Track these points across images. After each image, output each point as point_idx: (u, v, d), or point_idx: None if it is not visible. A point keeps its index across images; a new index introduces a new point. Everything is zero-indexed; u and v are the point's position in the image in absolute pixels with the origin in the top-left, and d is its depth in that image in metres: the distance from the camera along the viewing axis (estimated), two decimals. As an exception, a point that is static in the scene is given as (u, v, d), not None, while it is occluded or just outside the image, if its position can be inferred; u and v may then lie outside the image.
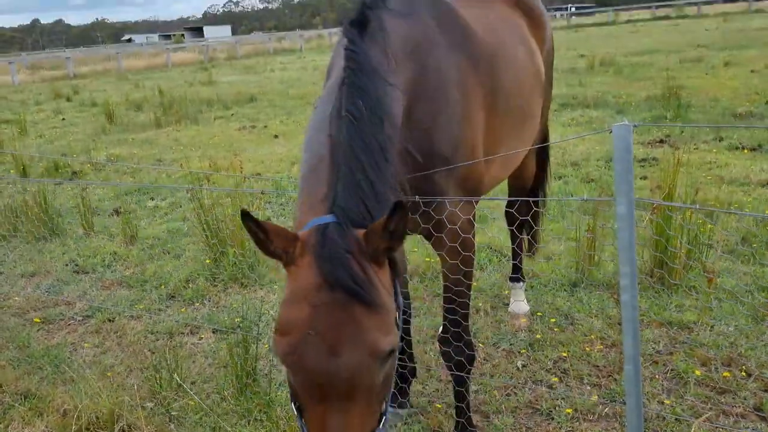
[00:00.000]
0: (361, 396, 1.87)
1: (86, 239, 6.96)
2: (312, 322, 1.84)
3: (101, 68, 37.12)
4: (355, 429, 1.87)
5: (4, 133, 13.74)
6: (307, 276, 1.89)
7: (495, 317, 4.60)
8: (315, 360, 1.83)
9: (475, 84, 2.85)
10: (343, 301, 1.84)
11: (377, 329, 1.86)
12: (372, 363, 1.84)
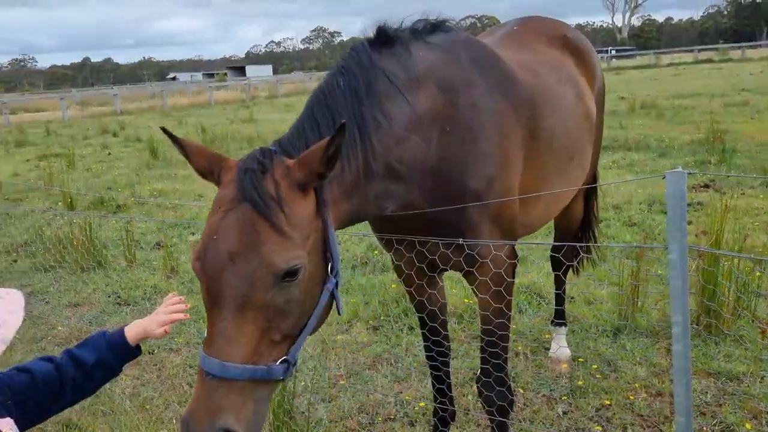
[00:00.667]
0: (253, 311, 1.90)
1: (129, 271, 7.09)
2: (217, 228, 1.95)
3: (146, 105, 38.21)
4: (239, 345, 1.88)
5: (53, 167, 14.16)
6: (226, 189, 2.03)
7: (535, 362, 4.52)
8: (213, 265, 1.91)
9: (513, 125, 2.84)
10: (248, 211, 1.94)
11: (275, 243, 1.91)
12: (264, 275, 1.88)
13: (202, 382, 1.89)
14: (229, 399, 1.86)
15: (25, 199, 11.74)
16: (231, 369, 1.85)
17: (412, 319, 5.19)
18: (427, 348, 3.34)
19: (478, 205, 2.66)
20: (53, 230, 7.99)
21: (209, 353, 1.87)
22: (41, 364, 1.95)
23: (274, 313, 1.93)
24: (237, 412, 1.87)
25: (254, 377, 1.90)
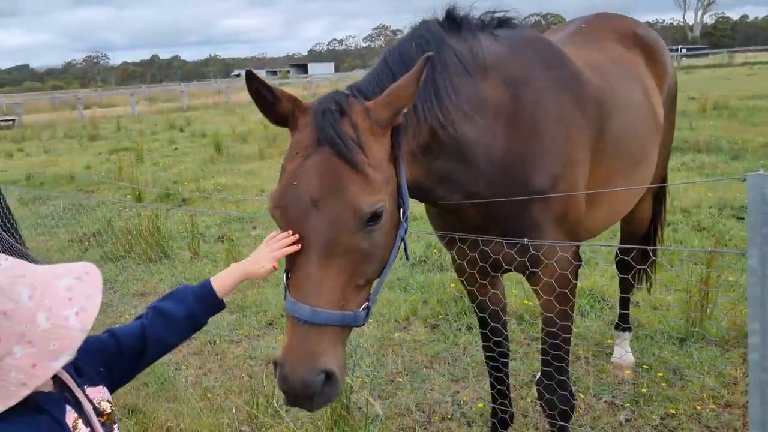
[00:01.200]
0: (340, 256, 1.88)
1: (193, 263, 7.27)
2: (297, 174, 1.92)
3: (211, 101, 39.19)
4: (328, 290, 1.87)
5: (123, 160, 14.67)
6: (303, 133, 1.99)
7: (597, 366, 4.41)
8: (296, 210, 1.90)
9: (580, 125, 2.78)
10: (329, 155, 1.91)
11: (358, 186, 1.89)
12: (350, 220, 1.87)
13: (293, 327, 1.88)
14: (323, 343, 1.86)
15: (96, 190, 12.20)
16: (322, 314, 1.85)
17: (471, 318, 5.15)
18: (487, 348, 3.30)
19: (543, 206, 2.61)
20: (122, 221, 8.27)
21: (298, 299, 1.87)
22: (126, 326, 1.96)
23: (359, 257, 1.92)
24: (332, 355, 1.88)
25: (343, 323, 1.91)
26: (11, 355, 1.42)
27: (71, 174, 13.69)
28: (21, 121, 30.63)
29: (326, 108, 1.97)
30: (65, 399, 1.62)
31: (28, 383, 1.44)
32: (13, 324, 1.43)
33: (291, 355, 1.85)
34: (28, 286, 1.47)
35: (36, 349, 1.44)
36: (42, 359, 1.44)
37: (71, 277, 1.56)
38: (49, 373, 1.45)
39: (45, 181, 13.53)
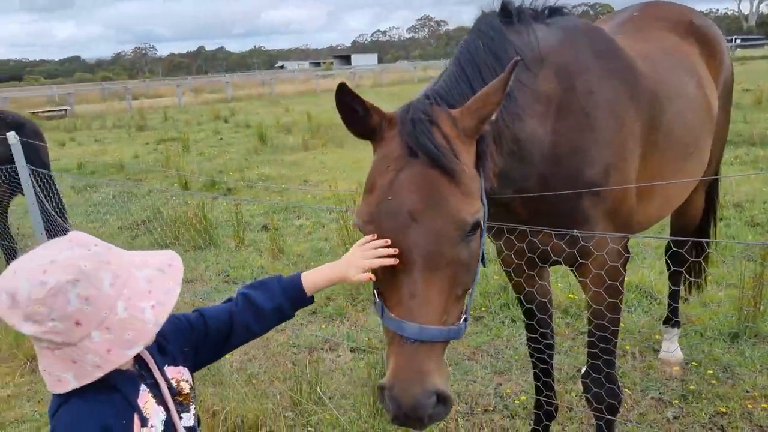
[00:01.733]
0: (441, 270, 1.82)
1: (237, 252, 7.38)
2: (392, 188, 1.84)
3: (256, 93, 39.57)
4: (434, 306, 1.81)
5: (170, 150, 14.95)
6: (391, 145, 1.91)
7: (644, 362, 4.33)
8: (392, 225, 1.82)
9: (633, 116, 2.73)
10: (424, 167, 1.84)
11: (459, 197, 1.84)
12: (452, 232, 1.81)
13: (400, 347, 1.80)
14: (432, 361, 1.80)
15: (144, 179, 12.45)
16: (430, 331, 1.79)
17: (514, 311, 5.11)
18: (532, 340, 3.27)
19: (595, 199, 2.56)
20: (170, 210, 8.44)
21: (404, 317, 1.80)
22: (215, 307, 1.99)
23: (459, 268, 1.86)
24: (441, 374, 1.82)
25: (448, 338, 1.86)
26: (90, 338, 1.47)
27: (120, 163, 14.00)
28: (73, 110, 31.44)
29: (416, 118, 1.90)
30: (142, 378, 1.66)
31: (102, 366, 1.49)
32: (95, 310, 1.47)
33: (401, 377, 1.78)
34: (111, 273, 1.51)
35: (112, 336, 1.48)
36: (117, 346, 1.49)
37: (153, 268, 1.60)
38: (122, 359, 1.50)
39: (96, 170, 13.88)
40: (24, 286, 1.44)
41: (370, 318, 5.37)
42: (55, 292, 1.43)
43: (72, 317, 1.45)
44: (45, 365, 1.52)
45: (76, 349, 1.47)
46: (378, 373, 3.83)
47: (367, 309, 5.55)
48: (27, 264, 1.48)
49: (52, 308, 1.43)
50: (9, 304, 1.45)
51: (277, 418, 3.72)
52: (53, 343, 1.47)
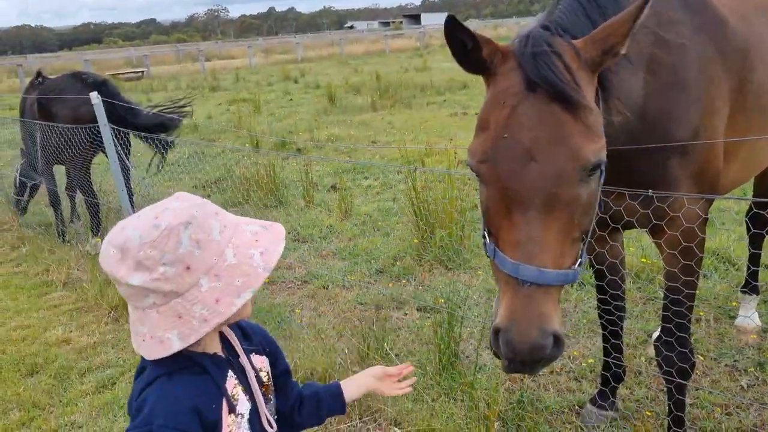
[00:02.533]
0: (560, 211, 1.74)
1: (306, 211, 7.52)
2: (508, 124, 1.75)
3: (325, 53, 39.67)
4: (552, 248, 1.74)
5: (242, 111, 15.23)
6: (509, 78, 1.80)
7: (718, 330, 4.21)
8: (510, 165, 1.73)
9: (722, 74, 2.60)
10: (545, 101, 1.74)
11: (582, 135, 1.73)
12: (574, 172, 1.73)
13: (516, 289, 1.76)
14: (549, 305, 1.75)
15: (217, 139, 12.76)
16: (549, 275, 1.73)
17: (583, 275, 5.04)
18: (602, 301, 3.23)
19: (682, 160, 2.47)
20: (241, 169, 8.64)
21: (521, 259, 1.74)
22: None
23: (579, 210, 1.79)
24: (558, 316, 1.78)
25: (566, 281, 1.80)
26: (198, 287, 1.44)
27: (195, 123, 14.38)
28: (149, 72, 32.37)
29: (538, 50, 1.79)
30: (230, 364, 1.64)
31: (210, 319, 1.44)
32: (205, 255, 1.44)
33: (518, 319, 1.74)
34: (219, 223, 1.50)
35: (221, 283, 1.45)
36: (226, 294, 1.45)
37: (257, 225, 1.60)
38: (231, 309, 1.45)
39: (171, 130, 14.30)
40: (134, 234, 1.43)
41: (437, 278, 5.41)
42: (168, 233, 1.41)
43: (183, 261, 1.42)
44: (148, 328, 1.47)
45: (182, 301, 1.44)
46: (445, 331, 3.87)
47: (434, 269, 5.58)
48: (135, 219, 1.48)
49: (163, 251, 1.41)
50: (119, 257, 1.43)
51: (345, 372, 3.82)
52: (161, 294, 1.43)
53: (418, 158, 8.83)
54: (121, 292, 1.48)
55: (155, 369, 1.52)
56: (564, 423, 3.45)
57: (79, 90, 6.40)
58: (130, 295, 1.46)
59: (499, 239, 1.82)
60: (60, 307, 5.53)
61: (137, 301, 1.46)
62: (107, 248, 1.45)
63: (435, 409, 3.53)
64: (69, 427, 3.87)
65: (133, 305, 1.49)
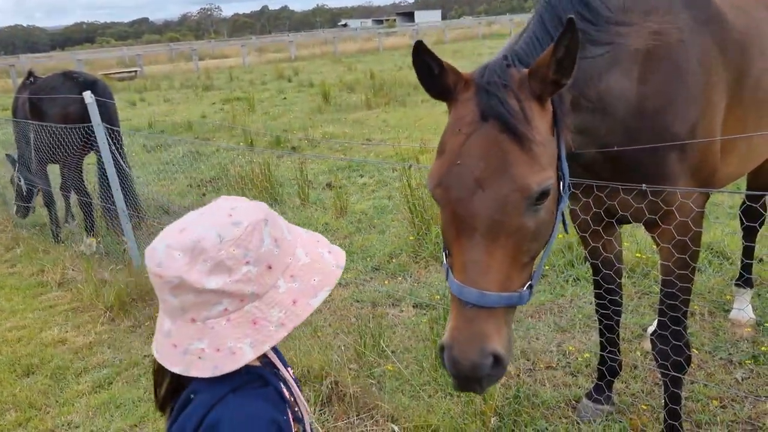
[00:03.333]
0: (506, 237, 1.81)
1: (302, 209, 7.52)
2: (461, 152, 1.83)
3: (319, 51, 39.59)
4: (495, 272, 1.81)
5: (236, 109, 15.22)
6: (465, 107, 1.89)
7: (713, 323, 4.23)
8: (459, 191, 1.82)
9: (720, 67, 2.59)
10: (494, 131, 1.81)
11: (526, 164, 1.80)
12: (518, 200, 1.79)
13: (460, 310, 1.84)
14: (490, 326, 1.82)
15: (212, 138, 12.75)
16: (490, 297, 1.80)
17: (578, 270, 5.06)
18: (598, 296, 3.24)
19: (680, 155, 2.48)
20: (236, 168, 8.63)
21: (465, 282, 1.82)
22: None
23: (525, 237, 1.85)
24: (499, 337, 1.84)
25: (509, 304, 1.86)
26: (276, 288, 1.34)
27: (189, 122, 14.35)
28: (142, 71, 32.27)
29: (490, 81, 1.87)
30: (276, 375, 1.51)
31: (287, 323, 1.33)
32: (282, 254, 1.36)
33: (459, 338, 1.82)
34: (284, 224, 1.43)
35: (297, 284, 1.36)
36: (303, 295, 1.36)
37: (302, 229, 1.52)
38: (307, 311, 1.35)
39: (165, 129, 14.28)
40: (209, 233, 1.29)
41: (433, 274, 5.42)
42: (252, 229, 1.31)
43: (265, 260, 1.32)
44: (209, 341, 1.30)
45: (260, 304, 1.32)
46: (441, 327, 3.88)
47: (430, 266, 5.59)
48: (197, 219, 1.35)
49: (247, 249, 1.30)
50: (187, 260, 1.28)
51: (341, 369, 3.83)
52: (237, 298, 1.30)
53: (412, 156, 8.84)
54: (174, 304, 1.31)
55: (215, 389, 1.34)
56: (560, 417, 3.46)
57: (69, 89, 6.39)
58: (193, 305, 1.30)
59: (451, 260, 1.92)
60: (55, 308, 5.52)
61: (201, 310, 1.30)
62: (169, 253, 1.29)
63: (432, 405, 3.54)
64: (66, 427, 3.87)
65: (188, 318, 1.32)
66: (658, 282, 4.71)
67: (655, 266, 5.00)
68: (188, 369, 1.31)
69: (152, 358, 1.41)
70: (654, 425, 3.31)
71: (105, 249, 6.57)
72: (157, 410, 1.52)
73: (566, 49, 1.81)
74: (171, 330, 1.34)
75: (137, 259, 5.89)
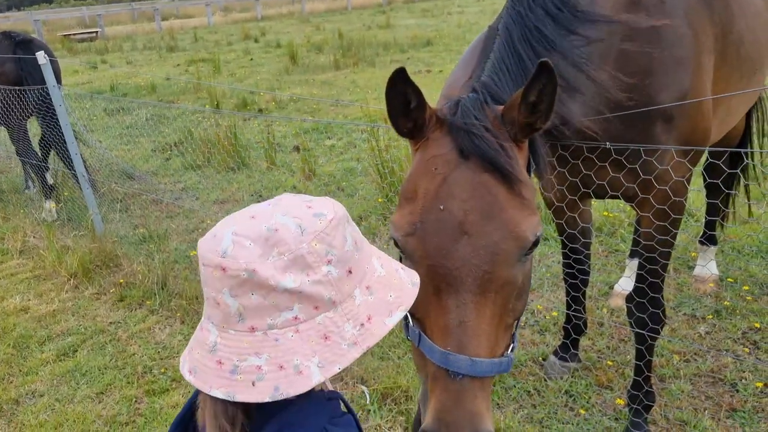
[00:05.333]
0: (496, 293, 1.55)
1: (269, 173, 7.41)
2: (438, 195, 1.57)
3: (286, 11, 38.76)
4: (485, 335, 1.54)
5: (201, 71, 14.87)
6: (439, 146, 1.64)
7: (677, 279, 4.29)
8: (439, 240, 1.54)
9: (706, 23, 2.48)
10: (478, 170, 1.58)
11: (517, 209, 1.57)
12: (511, 249, 1.54)
13: (446, 384, 1.52)
14: (482, 402, 1.52)
15: (176, 101, 12.46)
16: (482, 365, 1.51)
17: (546, 230, 5.07)
18: (567, 264, 3.23)
19: (667, 126, 2.36)
20: (201, 132, 8.46)
21: (452, 348, 1.51)
22: None
23: (513, 292, 1.60)
24: (490, 415, 1.54)
25: (499, 372, 1.57)
26: (352, 298, 1.12)
27: (152, 85, 14.00)
28: (104, 32, 31.29)
29: (468, 122, 1.63)
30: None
31: (359, 343, 1.10)
32: (361, 259, 1.16)
33: (449, 421, 1.48)
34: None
35: (373, 297, 1.14)
36: (378, 312, 1.14)
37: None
38: (382, 331, 1.13)
39: (128, 92, 13.91)
40: (288, 222, 1.08)
41: (402, 236, 5.39)
42: (337, 223, 1.11)
43: (347, 261, 1.12)
44: (269, 356, 1.06)
45: (334, 316, 1.09)
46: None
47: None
48: (269, 208, 1.14)
49: (331, 245, 1.09)
50: (260, 252, 1.06)
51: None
52: (312, 304, 1.08)
53: (381, 117, 8.73)
54: (231, 308, 1.07)
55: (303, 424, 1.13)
56: (527, 375, 3.50)
57: (5, 48, 6.16)
58: (257, 310, 1.06)
59: (426, 324, 1.59)
60: (17, 276, 5.39)
61: (266, 316, 1.07)
62: (238, 241, 1.07)
63: (401, 366, 3.55)
64: (30, 395, 3.80)
65: (247, 326, 1.07)
66: (625, 241, 4.77)
67: (622, 225, 5.04)
68: (234, 392, 1.06)
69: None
70: (619, 381, 3.37)
71: (67, 215, 6.42)
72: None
73: (539, 93, 1.58)
74: (217, 344, 1.09)
75: (100, 225, 5.77)
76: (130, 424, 3.48)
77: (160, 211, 6.51)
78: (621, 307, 3.98)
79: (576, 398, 3.31)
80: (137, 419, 3.51)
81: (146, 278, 4.83)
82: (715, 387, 3.28)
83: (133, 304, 4.69)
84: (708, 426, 3.01)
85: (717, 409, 3.13)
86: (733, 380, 3.30)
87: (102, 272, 5.16)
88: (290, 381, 1.05)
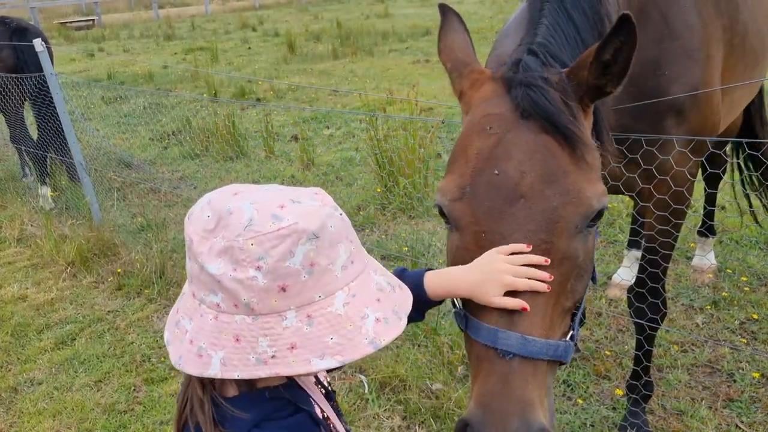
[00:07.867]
0: (552, 267, 1.38)
1: (267, 162, 7.39)
2: (491, 155, 1.43)
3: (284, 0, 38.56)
4: (540, 312, 1.38)
5: (199, 60, 14.80)
6: (495, 105, 1.51)
7: (675, 270, 4.30)
8: (492, 204, 1.40)
9: (713, 13, 2.45)
10: (540, 131, 1.44)
11: (582, 173, 1.42)
12: (572, 216, 1.39)
13: (493, 364, 1.35)
14: (533, 388, 1.33)
15: (174, 89, 12.41)
16: (536, 345, 1.35)
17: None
18: None
19: (677, 120, 2.32)
20: (199, 120, 8.43)
21: (501, 325, 1.36)
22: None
23: (572, 269, 1.42)
24: (544, 410, 1.34)
25: (556, 356, 1.38)
26: (281, 317, 1.08)
27: (150, 73, 13.93)
28: (101, 20, 31.12)
29: (532, 81, 1.49)
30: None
31: (270, 365, 1.08)
32: (310, 285, 1.10)
33: (494, 408, 1.30)
34: (349, 254, 1.17)
35: (309, 329, 1.09)
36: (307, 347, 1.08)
37: (386, 279, 1.26)
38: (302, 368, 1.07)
39: (125, 80, 13.85)
40: (248, 210, 1.07)
41: (400, 226, 5.39)
42: (286, 234, 1.06)
43: (282, 278, 1.06)
44: (194, 328, 1.11)
45: (252, 324, 1.07)
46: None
47: (398, 218, 5.56)
48: (256, 191, 1.13)
49: (267, 253, 1.05)
50: (211, 227, 1.08)
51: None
52: (231, 301, 1.07)
53: (380, 106, 8.71)
54: (189, 266, 1.14)
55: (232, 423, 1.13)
56: (526, 365, 3.50)
57: (0, 34, 6.13)
58: (196, 277, 1.11)
59: (474, 303, 1.45)
60: (14, 264, 5.38)
61: (201, 289, 1.11)
62: (204, 209, 1.11)
63: (399, 355, 3.55)
64: (28, 384, 3.80)
65: (193, 290, 1.14)
66: (623, 231, 4.77)
67: (620, 215, 5.05)
68: (170, 340, 1.17)
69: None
70: (617, 371, 3.37)
71: (65, 204, 6.40)
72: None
73: (616, 52, 1.44)
74: (185, 291, 1.19)
75: (97, 214, 5.75)
76: (128, 412, 3.48)
77: (158, 199, 6.49)
78: (619, 297, 3.99)
79: (574, 388, 3.32)
80: (136, 407, 3.52)
81: (144, 267, 4.82)
82: (712, 377, 3.30)
83: (131, 293, 4.69)
84: (705, 416, 3.03)
85: (714, 399, 3.14)
86: (730, 370, 3.31)
87: (100, 261, 5.15)
88: (190, 358, 1.10)
